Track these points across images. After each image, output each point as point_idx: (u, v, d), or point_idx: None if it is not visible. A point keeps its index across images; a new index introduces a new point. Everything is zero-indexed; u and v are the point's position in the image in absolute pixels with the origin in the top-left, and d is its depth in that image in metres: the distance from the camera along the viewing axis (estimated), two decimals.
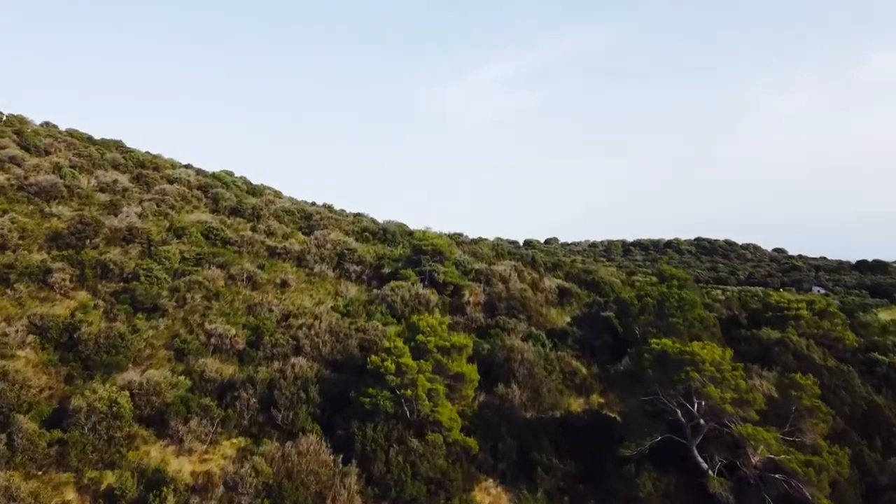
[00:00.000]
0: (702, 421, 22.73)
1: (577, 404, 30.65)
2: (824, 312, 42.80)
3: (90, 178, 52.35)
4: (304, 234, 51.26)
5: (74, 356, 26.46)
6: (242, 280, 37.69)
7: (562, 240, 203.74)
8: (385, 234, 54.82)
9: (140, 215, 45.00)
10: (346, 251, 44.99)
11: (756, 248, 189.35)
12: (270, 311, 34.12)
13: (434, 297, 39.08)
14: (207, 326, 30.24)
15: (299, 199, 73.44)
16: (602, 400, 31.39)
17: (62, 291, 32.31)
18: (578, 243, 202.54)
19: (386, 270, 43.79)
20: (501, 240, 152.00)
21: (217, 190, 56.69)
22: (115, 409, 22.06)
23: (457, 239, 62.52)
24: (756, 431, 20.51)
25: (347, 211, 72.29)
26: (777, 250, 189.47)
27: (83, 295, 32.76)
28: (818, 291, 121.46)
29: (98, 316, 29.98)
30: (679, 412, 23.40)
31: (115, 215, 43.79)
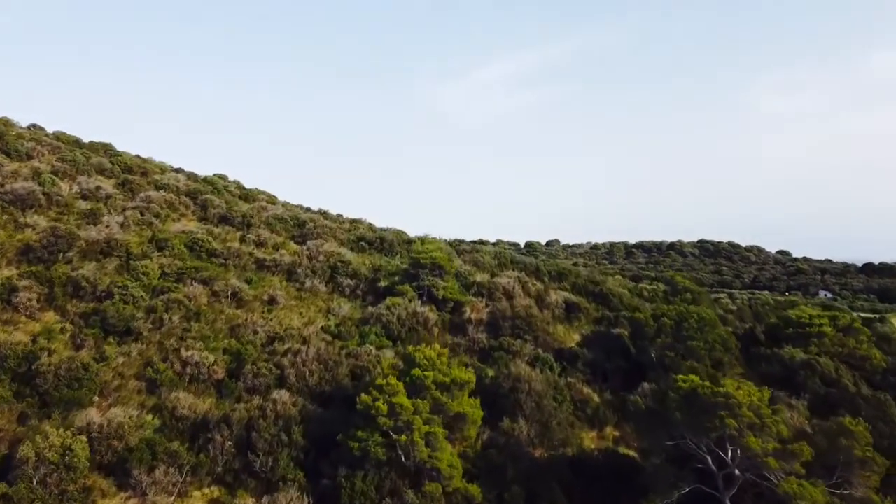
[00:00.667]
0: (736, 471, 20.01)
1: (589, 439, 27.93)
2: (849, 329, 40.14)
3: (72, 185, 49.56)
4: (296, 243, 48.53)
5: (32, 391, 23.75)
6: (227, 297, 34.94)
7: (563, 241, 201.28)
8: (382, 243, 52.08)
9: (122, 225, 42.27)
10: (339, 263, 42.22)
11: (760, 250, 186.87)
12: (255, 332, 31.40)
13: (433, 315, 36.36)
14: (184, 353, 27.49)
15: (294, 203, 70.86)
16: (617, 433, 28.67)
17: (27, 313, 29.59)
18: (580, 245, 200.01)
19: (382, 284, 41.11)
20: (503, 242, 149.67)
21: (207, 196, 53.92)
22: (68, 458, 19.35)
23: (457, 247, 59.79)
24: (802, 489, 17.78)
25: (344, 216, 69.58)
26: (781, 252, 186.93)
27: (50, 316, 30.05)
28: (825, 296, 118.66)
29: (63, 342, 27.27)
30: (709, 459, 20.68)
31: (95, 225, 41.14)
